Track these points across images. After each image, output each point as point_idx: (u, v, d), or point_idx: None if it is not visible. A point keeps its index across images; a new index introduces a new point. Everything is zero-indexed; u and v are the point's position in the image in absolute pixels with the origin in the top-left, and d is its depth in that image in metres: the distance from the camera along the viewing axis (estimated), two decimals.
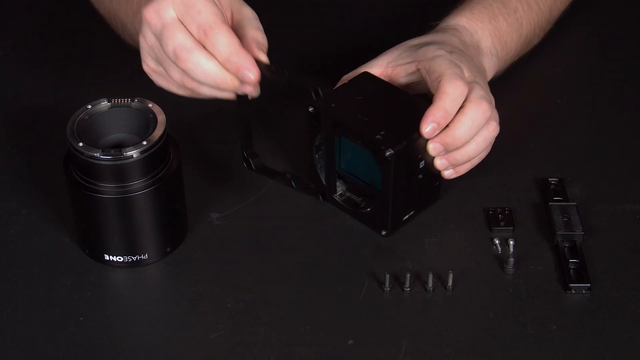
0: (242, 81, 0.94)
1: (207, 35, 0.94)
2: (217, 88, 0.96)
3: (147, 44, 0.98)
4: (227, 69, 0.94)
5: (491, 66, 1.11)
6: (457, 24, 1.10)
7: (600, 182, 1.11)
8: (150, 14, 0.96)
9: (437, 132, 0.99)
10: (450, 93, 0.99)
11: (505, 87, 1.04)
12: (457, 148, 1.01)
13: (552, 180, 1.09)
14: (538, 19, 1.17)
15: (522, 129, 1.15)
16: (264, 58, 0.96)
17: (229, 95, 0.97)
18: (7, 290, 1.00)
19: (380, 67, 1.08)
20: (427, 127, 0.99)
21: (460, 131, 1.00)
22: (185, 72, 0.95)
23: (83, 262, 1.02)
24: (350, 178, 1.06)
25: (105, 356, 0.95)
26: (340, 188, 1.07)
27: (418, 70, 1.05)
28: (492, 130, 1.02)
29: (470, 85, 1.01)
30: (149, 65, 1.00)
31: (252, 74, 0.94)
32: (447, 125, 1.00)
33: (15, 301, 0.99)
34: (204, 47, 0.94)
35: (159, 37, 0.96)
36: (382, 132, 0.99)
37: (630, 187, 1.10)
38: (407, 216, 1.04)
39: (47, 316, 0.98)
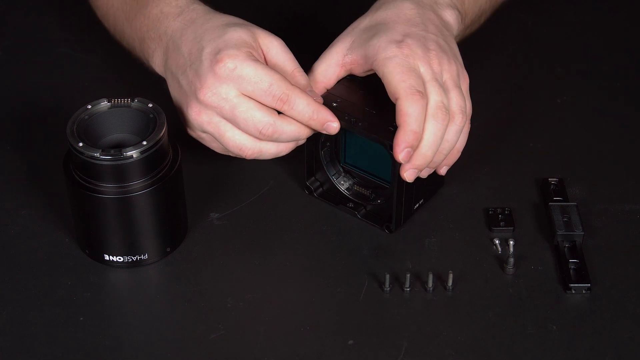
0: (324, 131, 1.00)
1: (286, 103, 0.98)
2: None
3: (203, 122, 1.00)
4: (309, 126, 1.00)
5: (454, 19, 1.07)
6: None
7: (600, 182, 1.11)
8: (209, 97, 0.99)
9: (412, 153, 0.98)
10: (411, 113, 0.97)
11: (505, 87, 1.04)
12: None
13: (552, 180, 1.09)
14: None
15: (522, 129, 1.15)
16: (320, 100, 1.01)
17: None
18: (7, 290, 1.00)
19: (335, 69, 1.04)
20: (402, 154, 0.97)
21: (427, 150, 0.98)
22: (263, 140, 1.00)
23: (83, 262, 1.02)
24: (356, 172, 1.06)
25: (105, 356, 0.95)
26: (347, 183, 1.07)
27: (372, 70, 1.02)
28: (455, 128, 1.00)
29: (427, 91, 0.99)
30: (200, 135, 1.03)
31: (336, 124, 1.00)
32: None
33: (15, 301, 0.99)
34: (282, 113, 0.99)
35: (231, 119, 0.99)
36: (394, 124, 0.98)
37: (630, 187, 1.10)
38: (417, 205, 1.04)
39: (47, 316, 0.98)
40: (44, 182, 1.10)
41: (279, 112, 0.99)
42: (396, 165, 0.99)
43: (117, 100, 1.00)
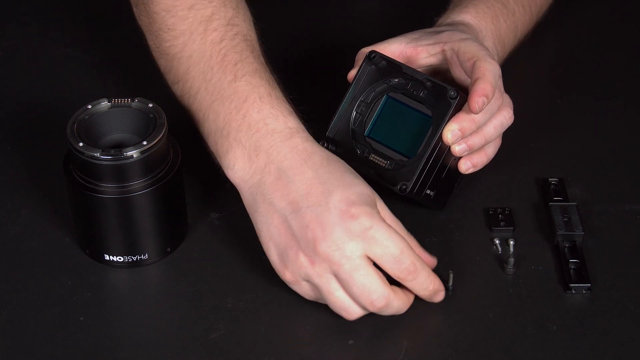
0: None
1: (411, 274, 0.93)
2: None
3: (313, 273, 0.93)
4: (420, 296, 0.96)
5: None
6: (463, 20, 1.09)
7: (600, 182, 1.11)
8: (332, 252, 0.92)
9: (486, 104, 0.98)
10: (490, 70, 0.99)
11: (505, 87, 1.04)
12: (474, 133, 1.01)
13: (552, 180, 1.09)
14: (530, 22, 1.18)
15: (522, 129, 1.15)
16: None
17: None
18: (7, 290, 1.00)
19: (399, 46, 1.05)
20: (478, 101, 0.97)
21: (480, 117, 1.00)
22: (366, 309, 0.94)
23: (83, 262, 1.02)
24: (378, 145, 1.04)
25: (105, 356, 0.95)
26: (367, 151, 1.04)
27: (442, 51, 1.03)
28: (507, 117, 1.02)
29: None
30: (299, 282, 0.95)
31: (442, 295, 0.97)
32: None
33: (15, 301, 0.99)
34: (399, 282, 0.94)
35: (346, 280, 0.92)
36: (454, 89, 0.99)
37: (630, 187, 1.10)
38: (428, 191, 1.04)
39: (47, 316, 0.98)
40: (44, 182, 1.10)
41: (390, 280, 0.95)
42: (442, 113, 0.99)
43: (117, 100, 1.00)
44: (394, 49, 1.05)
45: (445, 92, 0.99)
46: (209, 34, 1.01)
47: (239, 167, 0.98)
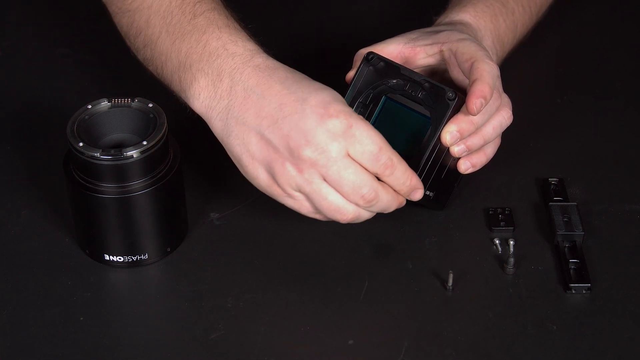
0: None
1: (388, 169, 0.94)
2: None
3: (303, 181, 0.94)
4: (398, 192, 0.97)
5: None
6: (462, 20, 1.09)
7: (600, 182, 1.11)
8: (317, 155, 0.92)
9: (484, 106, 0.98)
10: (489, 70, 0.99)
11: (505, 87, 1.04)
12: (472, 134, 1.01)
13: (552, 180, 1.09)
14: (529, 22, 1.18)
15: (522, 129, 1.15)
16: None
17: None
18: (7, 290, 1.00)
19: (397, 47, 1.05)
20: (476, 103, 0.97)
21: (479, 118, 1.00)
22: (361, 207, 0.95)
23: (83, 262, 1.02)
24: None
25: (105, 356, 0.95)
26: None
27: (440, 52, 1.04)
28: (506, 117, 1.02)
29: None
30: (292, 194, 0.95)
31: (421, 193, 0.98)
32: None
33: (15, 301, 0.99)
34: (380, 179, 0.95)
35: (336, 180, 0.93)
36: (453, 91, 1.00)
37: (630, 187, 1.10)
38: (427, 192, 1.03)
39: (47, 316, 0.98)
40: (44, 182, 1.10)
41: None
42: (440, 114, 0.99)
43: (117, 100, 1.00)
44: (392, 49, 1.05)
45: (444, 93, 0.99)
46: None
47: (204, 96, 0.98)
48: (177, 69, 1.00)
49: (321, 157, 0.93)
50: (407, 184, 0.96)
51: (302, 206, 0.96)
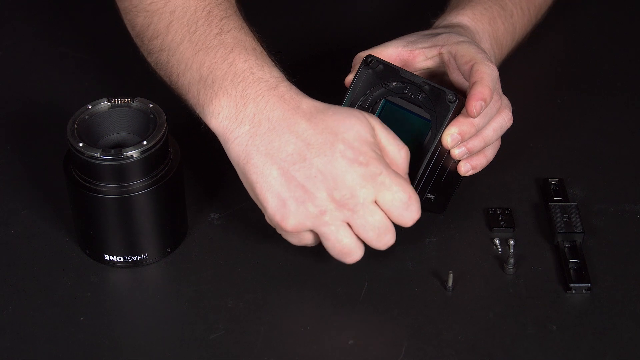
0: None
1: (414, 217, 0.95)
2: None
3: (322, 222, 0.94)
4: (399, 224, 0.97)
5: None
6: (460, 22, 1.09)
7: (600, 182, 1.11)
8: (346, 199, 0.93)
9: (484, 108, 0.98)
10: (489, 73, 0.99)
11: (505, 87, 1.04)
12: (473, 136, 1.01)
13: (552, 180, 1.09)
14: (528, 24, 1.18)
15: (522, 129, 1.15)
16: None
17: None
18: (7, 290, 1.00)
19: (395, 50, 1.05)
20: (476, 105, 0.97)
21: (479, 121, 1.00)
22: (377, 248, 0.96)
23: (83, 262, 1.02)
24: None
25: (105, 356, 0.95)
26: None
27: (440, 54, 1.04)
28: (506, 119, 1.03)
29: None
30: (301, 230, 0.95)
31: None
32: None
33: (15, 301, 0.99)
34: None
35: (360, 225, 0.93)
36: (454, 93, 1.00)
37: (630, 187, 1.10)
38: (428, 195, 1.04)
39: (47, 316, 0.98)
40: (44, 182, 1.10)
41: None
42: (441, 116, 0.99)
43: (117, 100, 1.00)
44: (391, 52, 1.05)
45: (444, 95, 0.99)
46: None
47: (224, 116, 0.97)
48: (197, 82, 0.98)
49: (349, 202, 0.93)
50: (415, 220, 0.97)
51: (304, 242, 0.97)
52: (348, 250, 0.95)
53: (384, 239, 0.95)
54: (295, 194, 0.93)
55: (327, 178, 0.93)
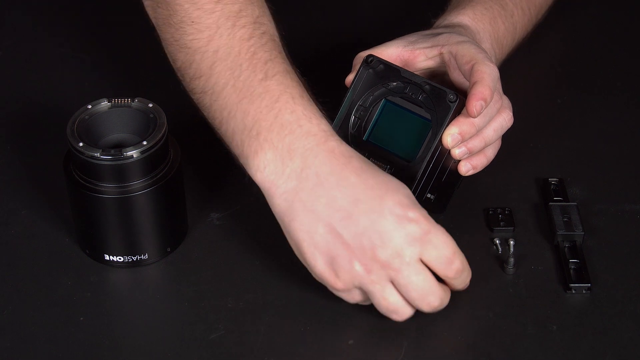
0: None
1: (458, 273, 0.95)
2: None
3: (369, 280, 0.92)
4: (455, 289, 0.97)
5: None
6: (461, 22, 1.09)
7: (600, 182, 1.11)
8: (391, 259, 0.91)
9: (484, 108, 0.98)
10: (489, 73, 0.99)
11: (505, 87, 1.04)
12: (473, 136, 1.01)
13: (552, 180, 1.09)
14: (529, 24, 1.18)
15: (522, 129, 1.15)
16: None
17: None
18: (7, 290, 1.00)
19: (396, 50, 1.05)
20: (476, 105, 0.97)
21: (479, 120, 1.00)
22: (421, 309, 0.94)
23: (83, 262, 1.02)
24: (377, 149, 1.03)
25: (105, 356, 0.95)
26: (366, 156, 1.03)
27: (440, 54, 1.04)
28: (507, 119, 1.02)
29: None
30: (350, 288, 0.94)
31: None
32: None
33: (15, 301, 0.99)
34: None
35: (404, 285, 0.92)
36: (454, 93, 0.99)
37: (630, 187, 1.10)
38: (428, 195, 1.03)
39: (47, 316, 0.98)
40: (44, 182, 1.10)
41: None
42: (442, 116, 0.99)
43: (117, 100, 1.00)
44: (391, 52, 1.05)
45: (445, 95, 0.99)
46: (237, 30, 0.97)
47: (270, 171, 0.94)
48: (241, 132, 0.95)
49: (395, 261, 0.92)
50: (466, 282, 0.97)
51: (355, 299, 0.95)
52: (394, 308, 0.94)
53: (429, 301, 0.93)
54: (342, 252, 0.92)
55: (374, 236, 0.91)
